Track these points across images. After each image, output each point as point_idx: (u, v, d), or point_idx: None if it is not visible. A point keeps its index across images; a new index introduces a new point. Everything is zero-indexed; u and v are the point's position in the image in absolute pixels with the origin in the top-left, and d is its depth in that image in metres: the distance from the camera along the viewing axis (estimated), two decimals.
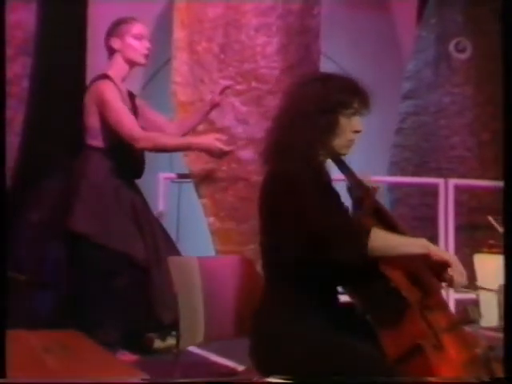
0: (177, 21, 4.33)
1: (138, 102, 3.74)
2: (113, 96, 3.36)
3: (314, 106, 2.39)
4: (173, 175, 4.52)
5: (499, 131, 5.54)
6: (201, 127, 4.35)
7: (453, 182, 5.01)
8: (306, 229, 2.28)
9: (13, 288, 2.98)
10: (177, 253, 3.50)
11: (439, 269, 2.34)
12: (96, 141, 3.36)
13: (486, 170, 5.49)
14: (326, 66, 4.68)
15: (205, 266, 2.81)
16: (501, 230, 3.20)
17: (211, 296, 2.69)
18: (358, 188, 2.55)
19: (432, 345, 2.21)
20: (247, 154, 4.38)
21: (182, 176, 4.52)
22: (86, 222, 3.19)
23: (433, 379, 2.16)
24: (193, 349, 2.65)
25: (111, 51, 3.47)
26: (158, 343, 4.21)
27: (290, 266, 2.38)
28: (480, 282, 3.14)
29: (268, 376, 2.21)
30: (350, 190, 2.57)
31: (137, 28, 3.47)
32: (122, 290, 3.19)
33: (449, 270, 2.30)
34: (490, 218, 3.26)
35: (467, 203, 5.38)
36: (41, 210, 3.47)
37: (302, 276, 2.38)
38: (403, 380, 2.17)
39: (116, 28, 3.45)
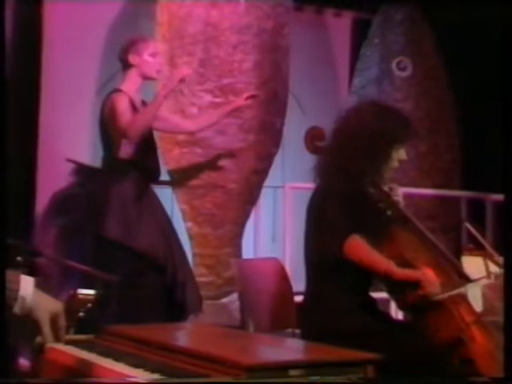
0: (158, 35, 4.56)
1: None
2: (123, 107, 3.60)
3: (371, 140, 2.68)
4: None
5: (435, 144, 6.04)
6: (181, 137, 4.60)
7: (401, 190, 5.43)
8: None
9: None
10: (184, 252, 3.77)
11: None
12: (119, 152, 3.58)
13: (424, 179, 5.96)
14: None
15: (244, 266, 3.10)
16: (477, 234, 3.61)
17: (250, 294, 2.98)
18: (387, 202, 2.89)
19: (468, 336, 2.58)
20: (225, 163, 4.64)
21: (160, 182, 4.74)
22: (115, 228, 3.42)
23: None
24: None
25: (126, 66, 3.71)
26: None
27: (328, 265, 2.70)
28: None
29: None
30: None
31: (153, 46, 3.75)
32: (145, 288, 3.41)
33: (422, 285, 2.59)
34: (467, 224, 3.65)
35: (406, 209, 5.81)
36: (69, 214, 3.64)
37: (336, 275, 2.70)
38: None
39: (134, 45, 3.72)
